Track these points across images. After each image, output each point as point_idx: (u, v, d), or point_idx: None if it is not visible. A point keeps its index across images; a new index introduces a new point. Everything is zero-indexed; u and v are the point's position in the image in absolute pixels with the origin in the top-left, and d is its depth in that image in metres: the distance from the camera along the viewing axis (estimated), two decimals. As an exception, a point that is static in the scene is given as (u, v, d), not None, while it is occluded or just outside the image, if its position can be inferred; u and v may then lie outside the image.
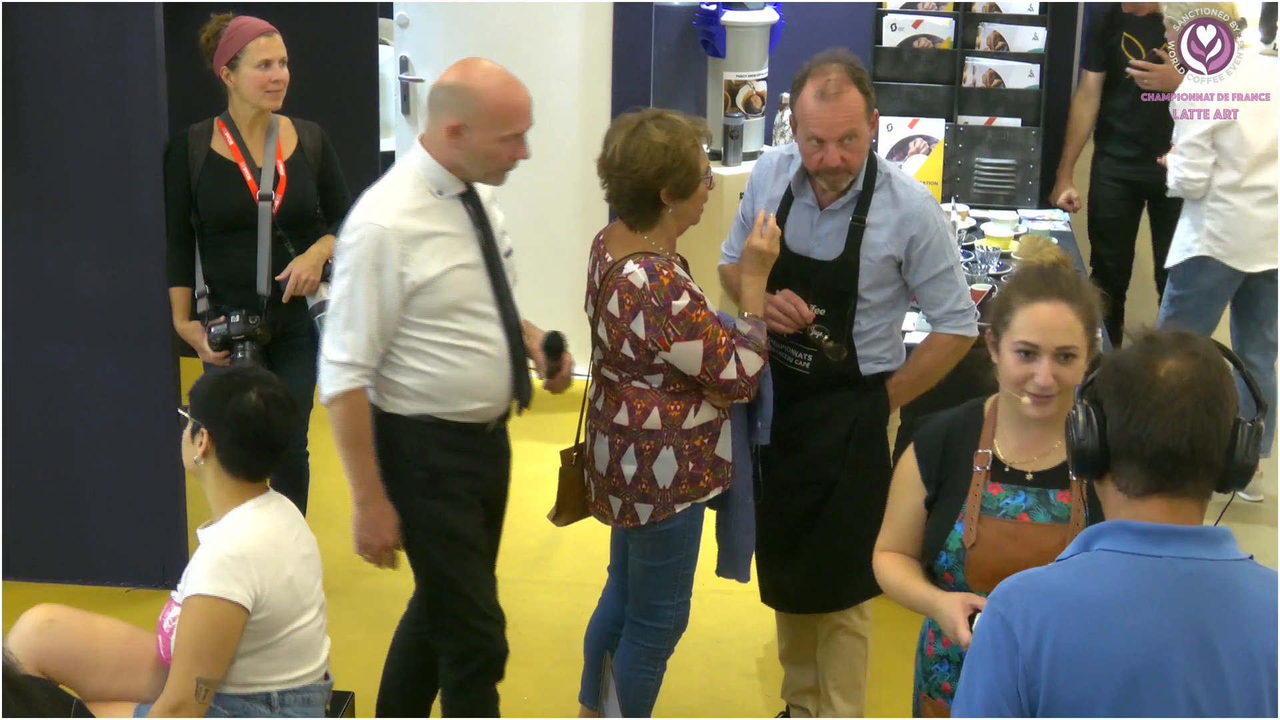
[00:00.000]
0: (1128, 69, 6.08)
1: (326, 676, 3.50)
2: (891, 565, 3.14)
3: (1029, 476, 3.01)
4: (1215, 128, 5.54)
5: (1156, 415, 2.22)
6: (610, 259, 3.81)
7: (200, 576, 3.25)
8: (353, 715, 3.96)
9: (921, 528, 3.10)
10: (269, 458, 3.44)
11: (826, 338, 3.90)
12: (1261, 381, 5.85)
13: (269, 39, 4.63)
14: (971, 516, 3.00)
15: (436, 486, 3.73)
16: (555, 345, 3.85)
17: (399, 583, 5.26)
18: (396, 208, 3.59)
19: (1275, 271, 5.72)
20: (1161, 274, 6.09)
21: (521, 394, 3.81)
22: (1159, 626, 2.18)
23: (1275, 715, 2.22)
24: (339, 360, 3.59)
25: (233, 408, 3.36)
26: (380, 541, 3.76)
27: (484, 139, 3.57)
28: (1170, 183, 5.73)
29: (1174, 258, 5.83)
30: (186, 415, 3.42)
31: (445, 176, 3.64)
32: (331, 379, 3.61)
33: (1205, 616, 2.20)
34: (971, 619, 2.83)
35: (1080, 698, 2.17)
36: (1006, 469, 3.02)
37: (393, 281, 3.55)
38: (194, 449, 3.38)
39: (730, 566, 4.06)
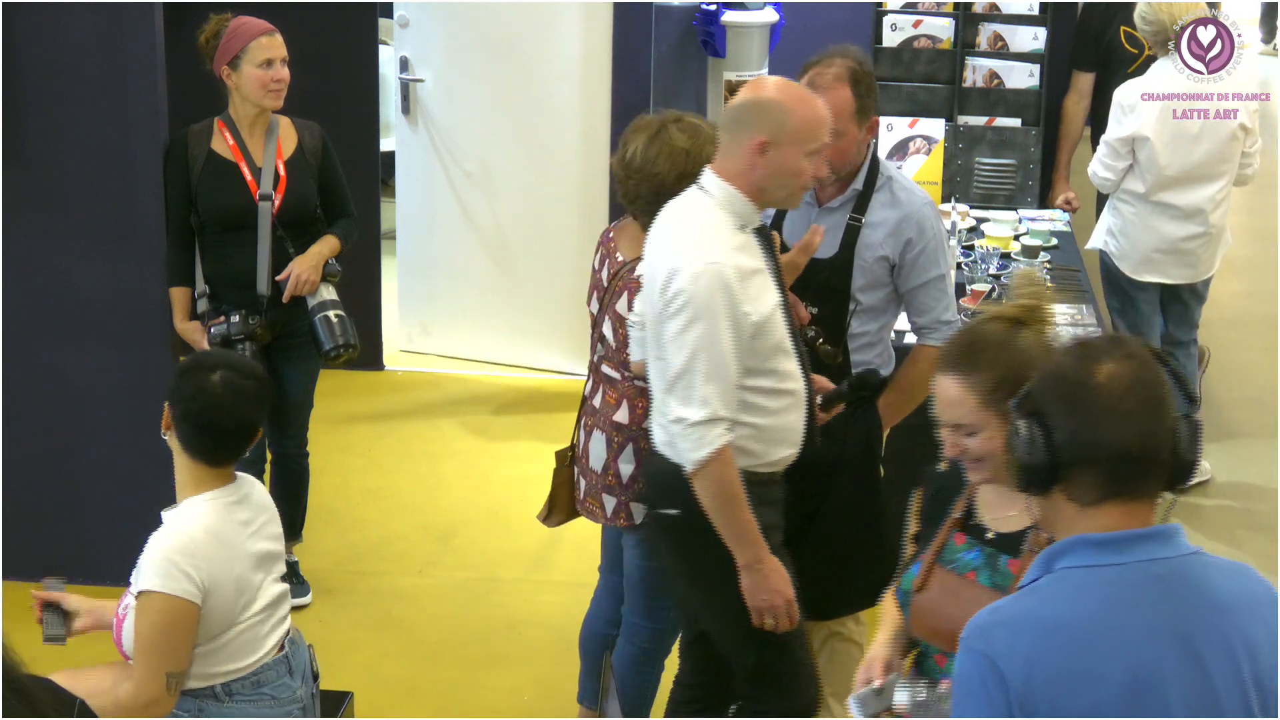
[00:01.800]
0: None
1: (282, 649, 3.42)
2: (885, 607, 3.09)
3: (989, 535, 2.90)
4: (1134, 136, 5.53)
5: (1106, 419, 2.21)
6: (621, 258, 3.80)
7: (150, 572, 3.21)
8: (351, 715, 3.96)
9: None
10: (224, 445, 3.33)
11: (821, 340, 3.89)
12: (1179, 368, 5.87)
13: (270, 38, 4.63)
14: (928, 560, 2.93)
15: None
16: (872, 382, 3.79)
17: (399, 583, 5.27)
18: (725, 244, 3.37)
19: (1179, 286, 5.72)
20: None
21: (812, 436, 3.61)
22: (1143, 634, 2.18)
23: (1257, 702, 2.23)
24: (702, 419, 3.32)
25: (188, 385, 3.30)
26: (783, 598, 3.46)
27: (792, 154, 3.38)
28: (1089, 169, 5.76)
29: (1089, 244, 5.93)
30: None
31: (748, 207, 3.43)
32: (698, 441, 3.33)
33: (1181, 615, 2.20)
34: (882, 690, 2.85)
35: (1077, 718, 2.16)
36: (974, 521, 2.93)
37: (742, 323, 3.33)
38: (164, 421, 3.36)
39: None
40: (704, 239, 3.39)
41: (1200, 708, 2.18)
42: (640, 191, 3.74)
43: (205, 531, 3.27)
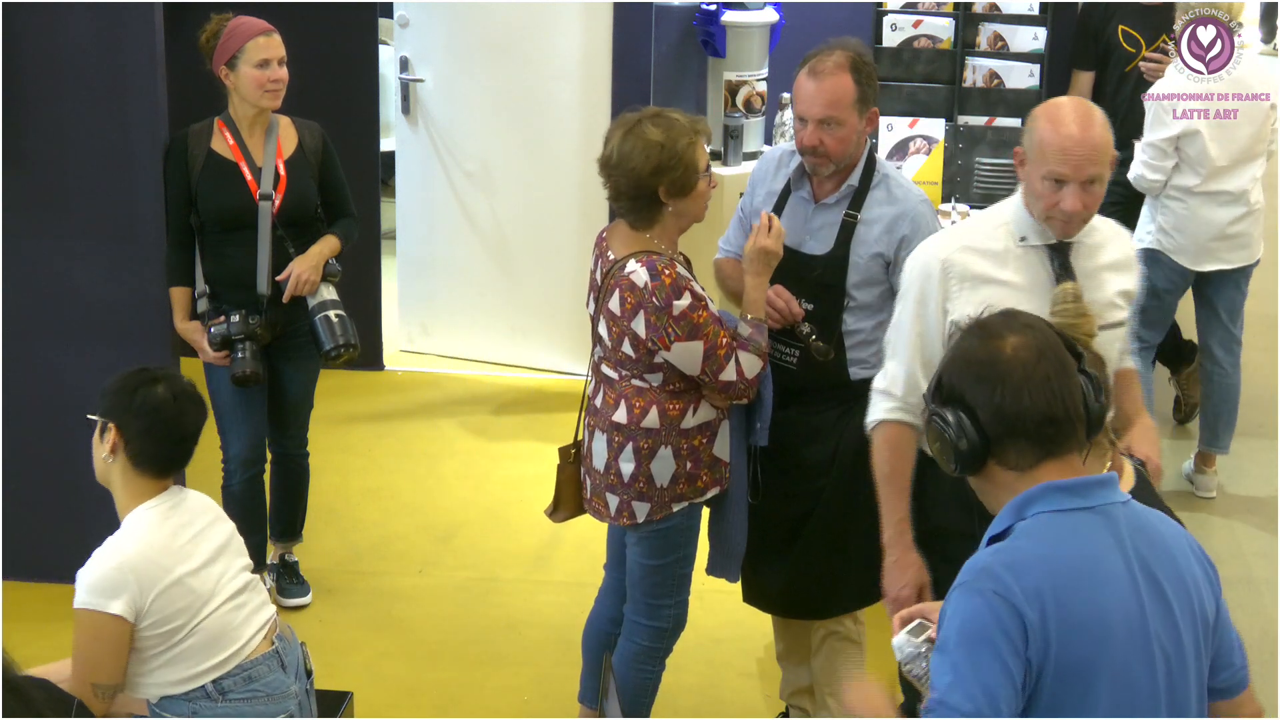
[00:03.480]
0: (1141, 63, 6.07)
1: (271, 643, 3.44)
2: None
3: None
4: (1181, 134, 5.57)
5: (1026, 389, 2.34)
6: (612, 257, 3.81)
7: (82, 590, 3.26)
8: (351, 715, 3.96)
9: None
10: (180, 452, 3.40)
11: (814, 337, 3.90)
12: (1224, 377, 5.90)
13: (268, 38, 4.63)
14: None
15: (936, 544, 3.48)
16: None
17: (399, 583, 5.27)
18: (963, 243, 3.40)
19: (1235, 271, 5.76)
20: None
21: None
22: (1122, 572, 2.30)
23: (1209, 636, 2.37)
24: (878, 388, 3.48)
25: (141, 400, 3.34)
26: (888, 595, 3.50)
27: (1032, 173, 3.32)
28: (1130, 175, 5.79)
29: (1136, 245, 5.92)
30: (95, 418, 3.40)
31: (1025, 219, 3.38)
32: (872, 407, 3.50)
33: (1144, 553, 2.33)
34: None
35: (1083, 657, 2.24)
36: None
37: (936, 316, 3.36)
38: (102, 447, 3.37)
39: (721, 566, 4.05)
40: (953, 231, 3.52)
41: (1170, 643, 2.30)
42: (621, 188, 3.76)
43: (143, 544, 3.31)
